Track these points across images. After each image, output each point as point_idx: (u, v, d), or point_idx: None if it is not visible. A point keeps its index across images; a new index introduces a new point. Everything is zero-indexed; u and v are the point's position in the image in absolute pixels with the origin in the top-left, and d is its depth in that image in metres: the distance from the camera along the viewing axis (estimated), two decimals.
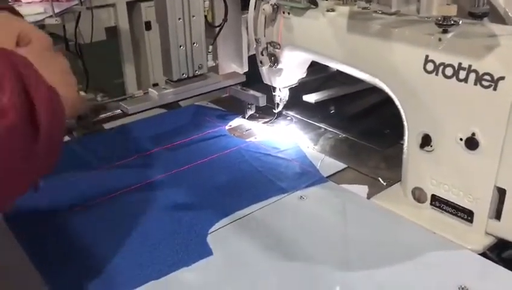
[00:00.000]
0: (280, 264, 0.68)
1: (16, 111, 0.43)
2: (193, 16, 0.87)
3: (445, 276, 0.65)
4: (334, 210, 0.79)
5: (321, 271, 0.66)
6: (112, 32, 2.32)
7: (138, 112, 0.84)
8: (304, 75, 1.07)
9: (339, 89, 1.17)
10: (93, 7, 2.08)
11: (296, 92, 1.12)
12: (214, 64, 0.96)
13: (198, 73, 0.93)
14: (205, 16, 0.91)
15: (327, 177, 0.88)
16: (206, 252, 0.69)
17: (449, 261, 0.68)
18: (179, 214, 0.78)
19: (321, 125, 1.08)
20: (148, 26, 2.46)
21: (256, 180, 0.87)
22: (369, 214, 0.78)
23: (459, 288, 0.62)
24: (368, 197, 0.83)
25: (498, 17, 0.91)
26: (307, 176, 0.88)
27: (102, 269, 0.66)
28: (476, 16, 0.73)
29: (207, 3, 0.92)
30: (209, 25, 0.96)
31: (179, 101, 0.95)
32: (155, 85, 1.02)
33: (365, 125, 1.09)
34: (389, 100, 0.80)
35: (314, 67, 1.04)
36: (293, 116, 1.13)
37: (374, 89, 0.83)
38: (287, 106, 1.11)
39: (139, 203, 0.81)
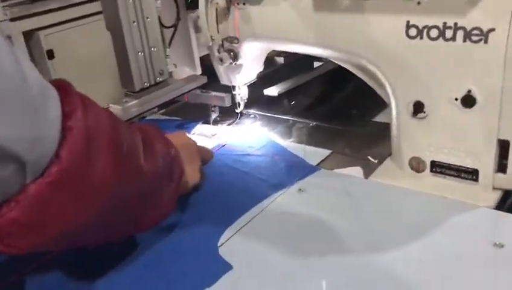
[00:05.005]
0: (304, 260, 0.62)
1: None
2: (147, 18, 0.79)
3: (473, 236, 0.63)
4: (339, 196, 0.75)
5: (350, 256, 0.62)
6: None
7: None
8: (262, 68, 1.03)
9: (296, 79, 1.14)
10: None
11: (252, 89, 1.08)
12: (175, 68, 0.88)
13: (160, 80, 0.84)
14: (159, 17, 0.83)
15: (316, 165, 0.85)
16: (225, 267, 0.62)
17: (471, 221, 0.66)
18: (177, 236, 0.69)
19: (288, 117, 1.05)
20: (50, 55, 2.27)
21: (246, 183, 0.81)
22: (376, 193, 0.75)
23: (494, 245, 0.61)
24: (365, 177, 0.80)
25: None
26: (297, 168, 0.84)
27: None
28: None
29: (159, 2, 0.84)
30: (163, 26, 0.88)
31: (144, 113, 0.86)
32: None
33: (330, 111, 1.08)
34: (344, 81, 0.78)
35: None
36: (255, 113, 1.08)
37: (326, 74, 0.81)
38: (245, 105, 1.06)
39: None
